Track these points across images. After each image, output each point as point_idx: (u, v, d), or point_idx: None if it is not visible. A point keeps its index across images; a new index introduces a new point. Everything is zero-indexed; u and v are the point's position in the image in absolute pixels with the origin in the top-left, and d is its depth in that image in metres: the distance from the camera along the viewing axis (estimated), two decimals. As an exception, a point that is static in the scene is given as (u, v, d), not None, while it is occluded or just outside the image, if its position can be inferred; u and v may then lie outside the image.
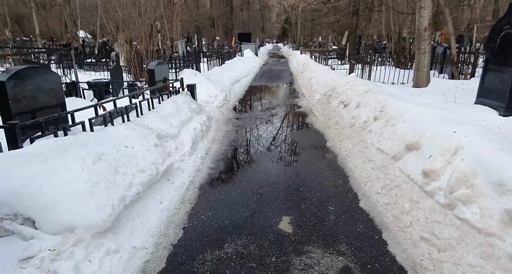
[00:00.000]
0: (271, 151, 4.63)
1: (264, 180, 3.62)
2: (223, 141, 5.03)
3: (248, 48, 22.42)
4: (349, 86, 6.38)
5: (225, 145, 4.87)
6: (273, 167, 4.00)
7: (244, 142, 5.11)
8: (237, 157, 4.46)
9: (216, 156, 4.37)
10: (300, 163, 4.11)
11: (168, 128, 4.06)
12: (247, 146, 4.92)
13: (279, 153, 4.56)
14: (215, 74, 10.25)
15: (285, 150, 4.69)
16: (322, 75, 9.39)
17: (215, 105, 7.45)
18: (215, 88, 8.03)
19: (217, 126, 5.74)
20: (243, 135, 5.43)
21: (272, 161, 4.21)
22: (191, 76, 8.14)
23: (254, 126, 5.98)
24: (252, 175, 3.76)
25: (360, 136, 4.39)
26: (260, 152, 4.62)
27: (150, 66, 4.89)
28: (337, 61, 14.23)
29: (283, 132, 5.59)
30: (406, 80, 7.92)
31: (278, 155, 4.45)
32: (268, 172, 3.84)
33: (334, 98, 6.53)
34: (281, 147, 4.82)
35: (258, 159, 4.32)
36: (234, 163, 4.21)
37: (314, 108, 7.05)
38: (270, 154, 4.49)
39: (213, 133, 5.28)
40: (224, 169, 3.99)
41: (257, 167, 4.02)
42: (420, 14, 6.72)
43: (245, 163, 4.22)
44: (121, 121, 3.60)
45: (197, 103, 5.73)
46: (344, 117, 5.42)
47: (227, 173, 3.86)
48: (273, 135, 5.40)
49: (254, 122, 6.28)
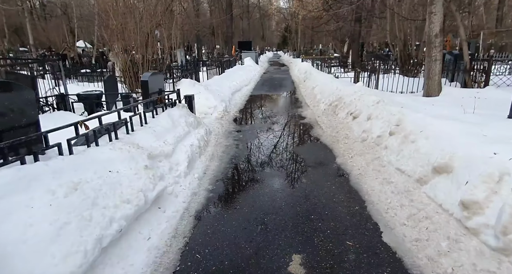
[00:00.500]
0: (275, 169, 4.21)
1: (269, 205, 3.19)
2: (222, 158, 4.61)
3: (248, 57, 22.22)
4: (357, 96, 5.99)
5: (225, 162, 4.45)
6: (278, 189, 3.57)
7: (245, 158, 4.69)
8: (238, 176, 4.04)
9: (215, 176, 3.95)
10: (309, 184, 3.68)
11: (161, 146, 3.65)
12: (249, 163, 4.50)
13: (284, 171, 4.13)
14: (214, 84, 9.90)
15: (290, 168, 4.26)
16: (326, 84, 9.03)
17: (215, 116, 7.06)
18: (214, 99, 7.65)
19: (216, 141, 5.33)
20: (245, 150, 5.02)
21: (277, 181, 3.78)
22: (189, 86, 7.78)
23: (256, 140, 5.57)
24: (255, 199, 3.33)
25: (374, 152, 3.97)
26: (264, 170, 4.20)
27: (143, 77, 4.52)
28: (340, 69, 13.92)
29: (288, 147, 5.18)
30: (416, 89, 7.54)
31: (284, 174, 4.02)
32: (273, 195, 3.41)
33: (341, 109, 6.13)
34: (286, 164, 4.40)
35: (261, 178, 3.89)
36: (235, 184, 3.79)
37: (320, 120, 6.65)
38: (274, 172, 4.07)
39: (212, 149, 4.87)
40: (224, 191, 3.56)
41: (260, 189, 3.59)
42: (430, 20, 6.37)
43: (247, 183, 3.79)
44: (108, 140, 3.20)
45: (195, 116, 5.34)
46: (354, 131, 5.01)
47: (227, 197, 3.43)
48: (277, 151, 4.98)
49: (256, 135, 5.88)
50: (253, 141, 5.51)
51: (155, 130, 3.91)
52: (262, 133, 6.02)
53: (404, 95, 6.98)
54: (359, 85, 7.02)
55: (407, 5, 9.71)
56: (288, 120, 7.11)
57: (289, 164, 4.42)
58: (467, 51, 7.23)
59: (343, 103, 6.34)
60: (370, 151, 4.08)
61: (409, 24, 10.19)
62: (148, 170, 2.96)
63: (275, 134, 5.93)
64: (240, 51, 24.46)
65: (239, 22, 41.58)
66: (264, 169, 4.23)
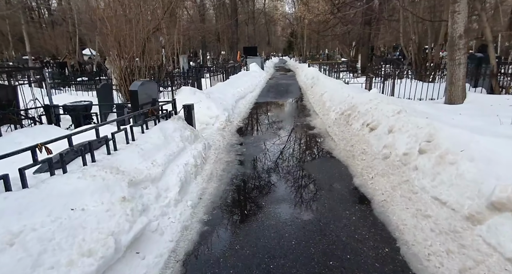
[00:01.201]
0: (282, 192, 3.60)
1: (276, 245, 2.58)
2: (222, 178, 4.02)
3: (253, 62, 21.76)
4: (373, 104, 5.38)
5: (225, 183, 3.86)
6: (287, 220, 2.96)
7: (248, 178, 4.09)
8: (239, 203, 3.44)
9: (213, 202, 3.36)
10: (323, 213, 3.06)
11: (148, 169, 3.08)
12: (252, 185, 3.90)
13: (293, 195, 3.52)
14: (217, 91, 9.38)
15: (300, 191, 3.65)
16: (335, 91, 8.43)
17: (216, 127, 6.51)
18: (216, 108, 7.11)
19: (216, 157, 4.75)
20: (248, 168, 4.42)
21: (285, 210, 3.17)
22: (189, 94, 7.26)
23: (260, 155, 4.98)
24: (259, 235, 2.73)
25: (401, 174, 3.33)
26: (269, 193, 3.60)
27: (132, 87, 3.99)
28: (349, 74, 13.30)
29: (296, 164, 4.57)
30: (436, 96, 6.88)
31: (293, 199, 3.41)
32: (281, 229, 2.80)
33: (356, 120, 5.51)
34: (295, 186, 3.79)
35: (266, 205, 3.29)
36: (235, 214, 3.19)
37: (331, 131, 6.04)
38: (281, 197, 3.46)
39: (211, 167, 4.29)
40: (222, 224, 2.96)
41: (265, 220, 2.99)
42: (454, 19, 5.75)
43: (249, 212, 3.19)
44: (81, 164, 2.65)
45: (193, 129, 4.78)
46: (372, 145, 4.38)
47: (225, 232, 2.83)
48: (284, 169, 4.37)
49: (260, 149, 5.28)
50: (257, 156, 4.92)
51: (142, 148, 3.35)
52: (267, 147, 5.43)
53: (423, 103, 6.32)
54: (373, 92, 6.40)
55: (422, 6, 9.10)
56: (296, 131, 6.51)
57: (298, 185, 3.81)
58: (494, 54, 6.58)
59: (357, 112, 5.72)
60: (395, 171, 3.45)
61: (424, 26, 9.57)
62: (126, 202, 2.39)
63: (281, 148, 5.33)
64: (246, 56, 24.05)
65: (245, 28, 41.39)
66: (270, 192, 3.63)
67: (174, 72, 12.33)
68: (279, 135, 6.11)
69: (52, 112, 4.71)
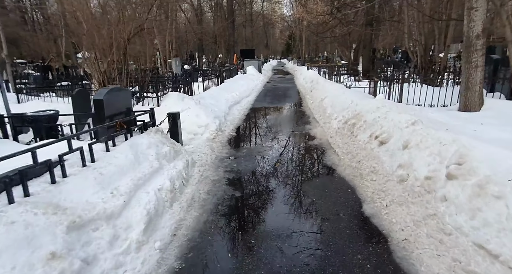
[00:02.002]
0: (277, 225, 2.93)
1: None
2: (205, 203, 3.35)
3: (251, 65, 21.17)
4: (381, 113, 4.73)
5: (208, 211, 3.19)
6: (284, 267, 2.29)
7: (237, 203, 3.42)
8: (223, 239, 2.76)
9: (190, 240, 2.68)
10: (329, 258, 2.39)
11: (104, 201, 2.41)
12: (241, 213, 3.23)
13: (291, 229, 2.85)
14: (210, 97, 8.73)
15: (299, 223, 2.98)
16: (337, 96, 7.80)
17: (205, 137, 5.85)
18: (206, 116, 6.45)
19: (201, 175, 4.08)
20: (237, 189, 3.75)
21: (281, 253, 2.50)
22: (177, 101, 6.60)
23: (253, 172, 4.31)
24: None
25: (425, 205, 2.67)
26: (260, 226, 2.93)
27: (97, 95, 3.30)
28: (350, 77, 12.69)
29: (294, 185, 3.90)
30: (448, 102, 6.24)
31: (290, 236, 2.74)
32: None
33: (362, 130, 4.86)
34: (293, 215, 3.11)
35: (258, 242, 2.62)
36: (218, 256, 2.51)
37: (333, 142, 5.38)
38: (275, 232, 2.79)
39: (193, 189, 3.61)
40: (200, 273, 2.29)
41: (255, 269, 2.31)
42: (470, 17, 5.13)
43: (235, 256, 2.51)
44: (7, 201, 1.98)
45: (174, 143, 4.10)
46: (383, 163, 3.72)
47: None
48: (280, 191, 3.71)
49: (253, 164, 4.62)
50: (249, 174, 4.26)
51: (102, 172, 2.68)
52: (261, 161, 4.77)
53: (436, 110, 5.67)
54: (380, 99, 5.76)
55: (428, 5, 8.50)
56: (294, 142, 5.85)
57: (296, 213, 3.14)
58: (513, 56, 5.96)
59: (362, 121, 5.07)
60: (417, 200, 2.79)
61: (430, 26, 8.96)
62: (56, 261, 1.71)
63: (277, 163, 4.67)
64: (243, 59, 23.45)
65: (242, 30, 40.90)
66: (261, 224, 2.96)
67: (166, 76, 11.69)
68: (275, 147, 5.44)
69: (10, 124, 4.03)
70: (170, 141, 3.99)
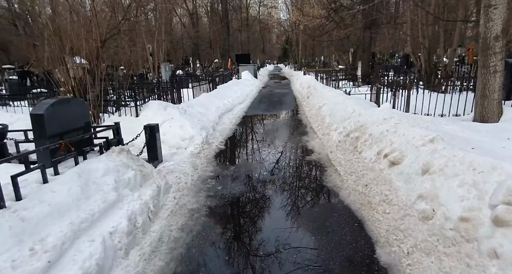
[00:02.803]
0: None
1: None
2: (176, 245, 2.63)
3: (246, 70, 20.58)
4: (390, 126, 4.06)
5: (178, 258, 2.47)
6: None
7: (217, 243, 2.71)
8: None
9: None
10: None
11: (16, 266, 1.70)
12: (222, 258, 2.52)
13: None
14: (199, 104, 8.05)
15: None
16: (336, 103, 7.15)
17: (189, 152, 5.15)
18: (191, 127, 5.76)
19: (176, 203, 3.37)
20: (219, 222, 3.04)
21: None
22: (158, 111, 5.91)
23: (240, 198, 3.61)
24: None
25: (466, 261, 1.98)
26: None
27: (36, 110, 2.56)
28: (349, 83, 12.08)
29: (289, 215, 3.20)
30: (461, 111, 5.60)
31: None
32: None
33: (367, 146, 4.19)
34: (290, 264, 2.41)
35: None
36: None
37: (334, 158, 4.69)
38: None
39: (163, 225, 2.90)
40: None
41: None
42: (488, 16, 4.52)
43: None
44: None
45: (143, 164, 3.39)
46: (398, 189, 3.04)
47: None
48: (272, 225, 3.00)
49: (241, 186, 3.91)
50: (235, 199, 3.55)
51: (24, 218, 1.97)
52: (250, 182, 4.07)
53: (447, 120, 5.02)
54: (385, 108, 5.11)
55: (433, 5, 7.92)
56: (289, 157, 5.16)
57: (292, 261, 2.43)
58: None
59: (368, 135, 4.40)
60: (451, 250, 2.10)
61: (435, 29, 8.38)
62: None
63: (269, 185, 3.97)
64: (238, 64, 22.86)
65: (238, 35, 40.46)
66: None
67: (151, 82, 11.00)
68: (267, 164, 4.75)
69: None
70: (138, 163, 3.28)
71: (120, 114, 5.71)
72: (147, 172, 3.27)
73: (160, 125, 5.58)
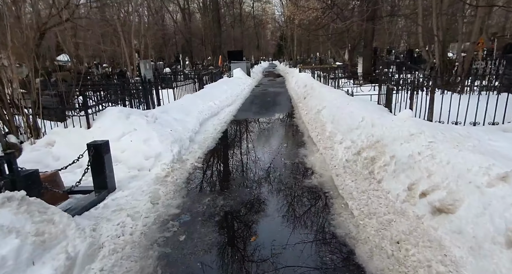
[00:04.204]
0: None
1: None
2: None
3: (238, 68, 19.30)
4: (421, 146, 2.90)
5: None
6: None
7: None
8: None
9: None
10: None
11: None
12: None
13: None
14: (177, 109, 6.84)
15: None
16: (338, 107, 5.99)
17: (154, 175, 3.97)
18: (160, 141, 4.56)
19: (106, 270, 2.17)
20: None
21: None
22: (118, 120, 4.69)
23: (214, 254, 2.42)
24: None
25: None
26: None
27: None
28: (348, 81, 10.92)
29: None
30: (501, 119, 4.44)
31: None
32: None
33: (390, 173, 3.02)
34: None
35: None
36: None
37: (341, 184, 3.51)
38: None
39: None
40: None
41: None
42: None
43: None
44: None
45: (50, 219, 2.17)
46: (461, 265, 1.87)
47: None
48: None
49: (214, 236, 2.71)
50: (205, 260, 2.36)
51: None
52: (227, 227, 2.89)
53: (484, 131, 3.84)
54: (406, 116, 3.95)
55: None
56: (282, 180, 3.97)
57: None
58: None
59: (388, 157, 3.23)
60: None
61: (452, 19, 7.23)
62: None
63: (254, 228, 2.79)
64: (229, 61, 21.58)
65: (231, 31, 39.06)
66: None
67: (135, 80, 9.71)
68: (254, 194, 3.56)
69: None
70: (40, 217, 2.07)
71: (67, 125, 4.48)
72: (54, 232, 2.06)
73: (117, 139, 4.38)
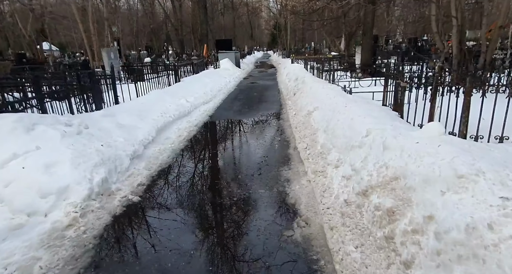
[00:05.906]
0: None
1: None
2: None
3: (226, 58, 17.68)
4: (490, 210, 1.54)
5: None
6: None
7: None
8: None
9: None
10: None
11: None
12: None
13: None
14: (129, 111, 5.40)
15: None
16: (334, 111, 4.60)
17: (50, 223, 2.61)
18: (72, 165, 3.17)
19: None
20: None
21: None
22: (8, 135, 3.23)
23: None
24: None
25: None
26: None
27: None
28: (345, 74, 9.50)
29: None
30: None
31: None
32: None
33: (429, 257, 1.66)
34: None
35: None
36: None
37: (337, 249, 2.16)
38: None
39: None
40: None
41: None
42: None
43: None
44: None
45: None
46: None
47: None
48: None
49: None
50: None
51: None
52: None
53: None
54: (436, 133, 2.57)
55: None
56: (252, 236, 2.61)
57: None
58: None
59: (422, 218, 1.88)
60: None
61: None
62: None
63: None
64: (217, 51, 19.93)
65: (221, 19, 37.07)
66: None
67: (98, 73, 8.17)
68: (212, 262, 2.21)
69: None
70: None
71: None
72: None
73: (1, 166, 2.96)
